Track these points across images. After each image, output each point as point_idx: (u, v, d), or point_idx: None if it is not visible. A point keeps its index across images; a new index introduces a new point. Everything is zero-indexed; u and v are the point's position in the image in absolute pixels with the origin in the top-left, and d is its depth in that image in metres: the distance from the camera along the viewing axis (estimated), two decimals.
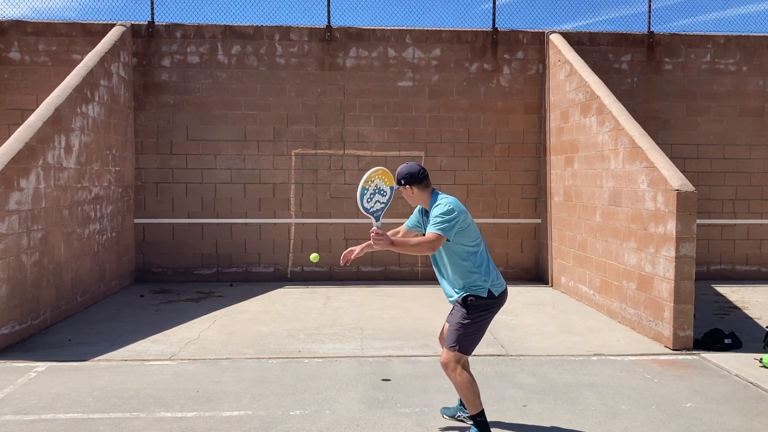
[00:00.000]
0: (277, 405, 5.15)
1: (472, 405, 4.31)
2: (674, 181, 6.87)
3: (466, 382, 4.28)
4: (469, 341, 4.32)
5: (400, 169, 4.43)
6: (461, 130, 11.14)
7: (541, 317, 8.28)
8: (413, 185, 4.39)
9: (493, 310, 4.40)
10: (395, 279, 11.08)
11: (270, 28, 10.92)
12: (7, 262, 6.70)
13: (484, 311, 4.33)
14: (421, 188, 4.40)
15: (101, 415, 4.94)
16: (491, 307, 4.36)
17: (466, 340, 4.30)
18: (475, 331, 4.32)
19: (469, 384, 4.28)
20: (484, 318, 4.35)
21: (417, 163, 4.47)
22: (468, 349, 4.33)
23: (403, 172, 4.40)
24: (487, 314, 4.36)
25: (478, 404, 4.30)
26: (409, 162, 4.54)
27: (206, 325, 7.83)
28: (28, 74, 10.62)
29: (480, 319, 4.33)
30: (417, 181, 4.38)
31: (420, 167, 4.42)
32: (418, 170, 4.38)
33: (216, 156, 10.88)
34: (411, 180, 4.37)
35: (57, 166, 7.94)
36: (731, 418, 4.93)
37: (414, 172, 4.38)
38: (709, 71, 11.39)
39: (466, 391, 4.29)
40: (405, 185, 4.39)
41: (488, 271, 4.35)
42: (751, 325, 7.92)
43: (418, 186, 4.39)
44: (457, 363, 4.29)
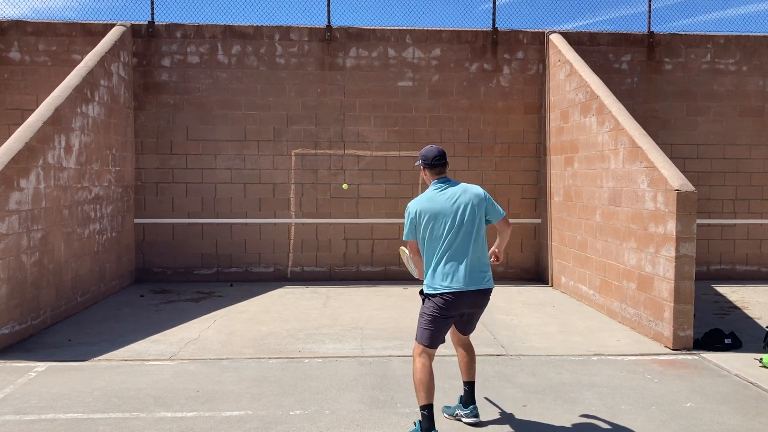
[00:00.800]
0: (277, 405, 5.15)
1: (419, 396, 4.36)
2: (674, 181, 6.87)
3: (415, 371, 4.37)
4: (421, 332, 4.44)
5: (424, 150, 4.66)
6: (461, 130, 11.14)
7: (541, 317, 8.28)
8: (425, 168, 4.61)
9: (441, 311, 4.39)
10: (395, 279, 11.08)
11: (270, 28, 10.92)
12: (7, 262, 6.70)
13: (431, 308, 4.42)
14: (432, 173, 4.59)
15: (101, 415, 4.94)
16: (435, 305, 4.40)
17: (419, 329, 4.46)
18: (425, 323, 4.43)
19: (417, 372, 4.35)
20: (432, 314, 4.41)
21: (438, 148, 4.63)
22: (422, 340, 4.42)
23: (422, 152, 4.65)
24: (434, 312, 4.40)
25: (423, 396, 4.32)
26: (434, 146, 4.70)
27: (206, 325, 7.83)
28: (28, 74, 10.62)
29: (426, 313, 4.44)
30: (428, 165, 4.59)
31: (436, 153, 4.58)
32: (433, 155, 4.57)
33: (216, 156, 10.88)
34: (424, 162, 4.61)
35: (57, 166, 7.94)
36: (731, 418, 4.93)
37: (428, 155, 4.58)
38: (709, 71, 11.39)
39: (414, 378, 4.39)
40: (421, 165, 4.64)
41: (436, 271, 4.42)
42: (751, 325, 7.92)
43: (429, 170, 4.60)
44: (414, 350, 4.45)
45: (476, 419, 4.76)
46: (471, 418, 4.76)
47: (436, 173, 4.57)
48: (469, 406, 4.78)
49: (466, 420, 4.77)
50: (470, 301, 4.44)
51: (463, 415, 4.79)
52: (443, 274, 4.39)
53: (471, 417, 4.76)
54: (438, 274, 4.41)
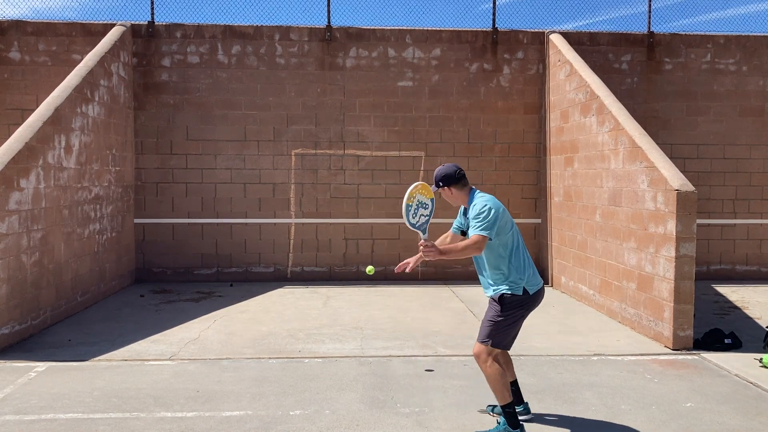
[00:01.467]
0: (277, 405, 5.15)
1: (501, 396, 4.43)
2: (674, 181, 6.87)
3: (496, 374, 4.41)
4: (502, 336, 4.47)
5: (437, 171, 4.58)
6: (461, 130, 11.14)
7: (542, 317, 8.27)
8: (451, 186, 4.52)
9: (528, 307, 4.51)
10: (395, 279, 11.07)
11: (270, 28, 10.92)
12: (7, 262, 6.70)
13: (518, 308, 4.45)
14: (459, 188, 4.53)
15: (101, 415, 4.94)
16: (525, 304, 4.47)
17: (499, 335, 4.46)
18: (507, 327, 4.46)
19: (499, 376, 4.41)
20: (518, 315, 4.47)
21: (454, 164, 4.60)
22: (500, 344, 4.47)
23: (440, 174, 4.54)
24: (521, 311, 4.48)
25: (506, 396, 4.42)
26: (445, 164, 4.65)
27: (206, 325, 7.83)
28: (28, 74, 10.62)
29: (513, 316, 4.45)
30: (454, 181, 4.52)
31: (456, 168, 4.54)
32: (454, 171, 4.52)
33: (216, 156, 10.88)
34: (448, 181, 4.51)
35: (57, 166, 7.94)
36: (731, 418, 4.93)
37: (450, 173, 4.52)
38: (709, 71, 11.39)
39: (495, 382, 4.41)
40: (443, 186, 4.53)
41: (524, 268, 4.45)
42: (751, 325, 7.92)
43: (455, 186, 4.52)
44: (488, 355, 4.44)
45: (531, 415, 4.86)
46: (526, 414, 4.84)
47: (462, 185, 4.52)
48: (521, 404, 4.85)
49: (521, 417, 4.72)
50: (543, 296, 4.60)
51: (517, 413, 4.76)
52: (533, 272, 4.50)
53: (526, 414, 4.84)
54: (531, 272, 4.48)
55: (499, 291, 4.43)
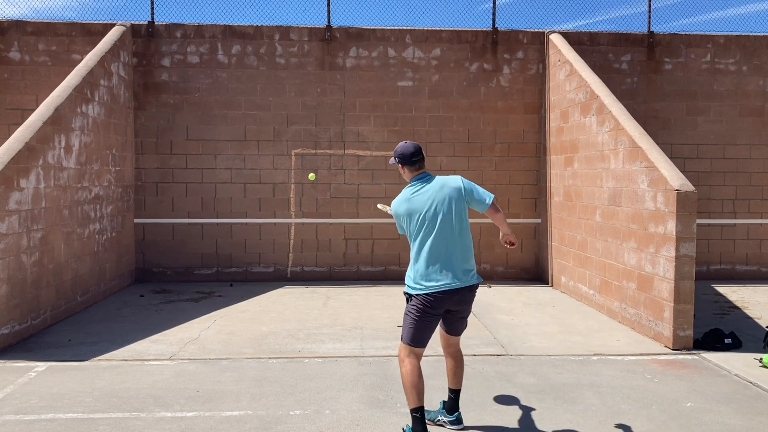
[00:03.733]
0: (277, 405, 5.15)
1: (408, 399, 4.29)
2: (674, 181, 6.87)
3: (406, 375, 4.29)
4: (409, 332, 4.35)
5: (397, 146, 4.58)
6: (461, 130, 11.14)
7: (541, 317, 8.28)
8: (404, 166, 4.53)
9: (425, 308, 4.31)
10: (395, 279, 11.07)
11: (270, 28, 10.92)
12: (7, 262, 6.70)
13: (415, 307, 4.34)
14: (411, 170, 4.52)
15: (101, 415, 4.94)
16: (419, 303, 4.32)
17: (406, 329, 4.37)
18: (412, 323, 4.33)
19: (408, 376, 4.28)
20: (417, 314, 4.32)
21: (414, 143, 4.56)
22: (409, 339, 4.34)
23: (398, 150, 4.55)
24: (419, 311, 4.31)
25: (414, 399, 4.26)
26: (409, 141, 4.63)
27: (206, 324, 7.84)
28: (28, 74, 10.62)
29: (414, 313, 4.33)
30: (406, 162, 4.51)
31: (413, 149, 4.51)
32: (410, 151, 4.50)
33: (216, 156, 10.88)
34: (401, 159, 4.52)
35: (57, 166, 7.94)
36: (731, 418, 4.93)
37: (404, 152, 4.52)
38: (709, 71, 11.39)
39: (404, 382, 4.31)
40: (398, 163, 4.55)
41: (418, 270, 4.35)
42: (751, 325, 7.92)
43: (408, 167, 4.52)
44: (404, 354, 4.35)
45: (460, 426, 4.66)
46: (456, 425, 4.66)
47: (414, 169, 4.50)
48: (454, 413, 4.68)
49: (450, 427, 4.66)
50: (454, 298, 4.34)
51: (447, 422, 4.68)
52: (424, 273, 4.32)
53: (456, 424, 4.66)
54: (419, 273, 4.34)
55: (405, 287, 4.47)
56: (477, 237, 10.88)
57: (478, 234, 10.89)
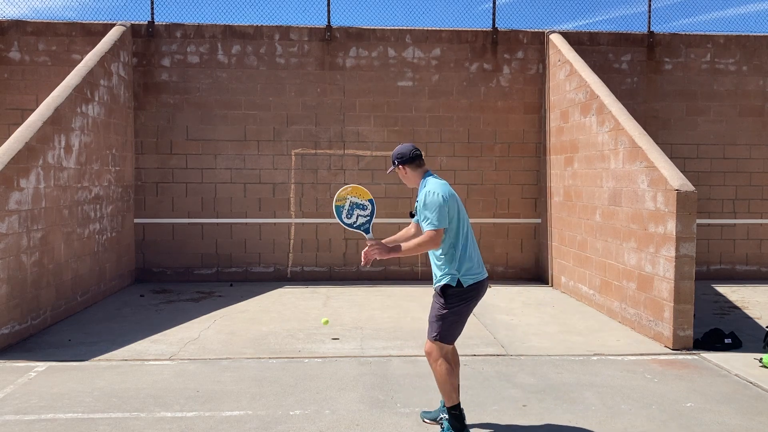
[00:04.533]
0: (277, 405, 5.15)
1: (447, 397, 4.35)
2: (674, 181, 6.87)
3: (445, 374, 4.32)
4: (448, 331, 4.34)
5: (394, 150, 4.55)
6: (461, 130, 11.14)
7: (541, 317, 8.28)
8: (405, 165, 4.48)
9: (468, 301, 4.34)
10: (395, 279, 11.08)
11: (270, 28, 10.92)
12: (7, 262, 6.70)
13: (459, 301, 4.31)
14: (413, 168, 4.49)
15: (101, 415, 4.94)
16: (464, 297, 4.31)
17: (445, 329, 4.34)
18: (453, 321, 4.33)
19: (447, 376, 4.32)
20: (461, 308, 4.33)
21: (410, 144, 4.57)
22: (447, 339, 4.35)
23: (395, 153, 4.51)
24: (462, 304, 4.32)
25: (453, 398, 4.33)
26: (403, 143, 4.64)
27: (206, 324, 7.84)
28: (28, 74, 10.62)
29: (456, 309, 4.31)
30: (408, 160, 4.47)
31: (412, 147, 4.52)
32: (409, 150, 4.48)
33: (216, 156, 10.88)
34: (402, 159, 4.47)
35: (57, 166, 7.94)
36: (731, 418, 4.93)
37: (405, 152, 4.48)
38: (709, 71, 11.39)
39: (444, 382, 4.34)
40: (398, 165, 4.50)
41: (464, 260, 4.30)
42: (751, 325, 7.92)
43: (409, 165, 4.48)
44: (439, 353, 4.36)
45: None
46: None
47: (417, 166, 4.47)
48: None
49: None
50: (485, 289, 4.44)
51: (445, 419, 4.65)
52: (477, 262, 4.36)
53: None
54: (473, 262, 4.33)
55: (442, 282, 4.32)
56: (477, 237, 10.88)
57: (478, 234, 10.89)
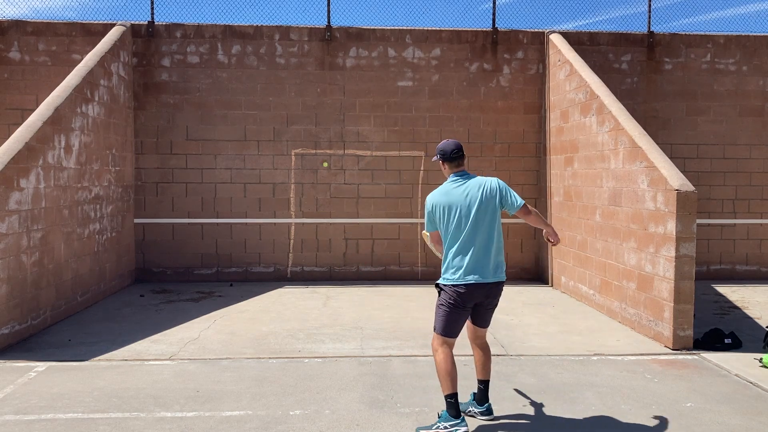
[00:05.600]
0: (277, 405, 5.15)
1: (443, 386, 4.51)
2: (674, 181, 6.87)
3: (440, 363, 4.52)
4: (442, 323, 4.56)
5: (441, 144, 4.78)
6: (461, 130, 11.14)
7: (541, 317, 8.28)
8: (444, 162, 4.72)
9: (458, 301, 4.52)
10: (395, 279, 11.08)
11: (270, 28, 10.92)
12: (7, 262, 6.70)
13: (447, 300, 4.54)
14: (451, 166, 4.71)
15: (101, 415, 4.94)
16: (452, 296, 4.52)
17: (439, 321, 4.58)
18: (444, 314, 4.55)
19: (443, 364, 4.51)
20: (450, 305, 4.53)
21: (454, 141, 4.76)
22: (442, 330, 4.56)
23: (439, 147, 4.76)
24: (450, 304, 4.53)
25: (448, 386, 4.48)
26: (451, 139, 4.87)
27: (206, 324, 7.83)
28: (28, 74, 10.62)
29: (446, 305, 4.55)
30: (447, 159, 4.69)
31: (454, 147, 4.70)
32: (451, 149, 4.68)
33: (216, 156, 10.88)
34: (442, 156, 4.72)
35: (57, 166, 7.94)
36: (731, 418, 4.93)
37: (446, 149, 4.69)
38: (709, 71, 11.39)
39: (438, 369, 4.53)
40: (439, 159, 4.75)
41: (451, 264, 4.54)
42: (751, 325, 7.92)
43: (448, 163, 4.71)
44: (438, 344, 4.56)
45: (491, 416, 4.86)
46: (486, 415, 4.85)
47: (454, 166, 4.69)
48: (484, 404, 4.88)
49: (481, 417, 4.85)
50: (482, 292, 4.57)
51: (478, 413, 4.87)
52: (457, 266, 4.52)
53: (486, 414, 4.85)
54: (453, 266, 4.54)
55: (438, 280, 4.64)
56: None
57: None
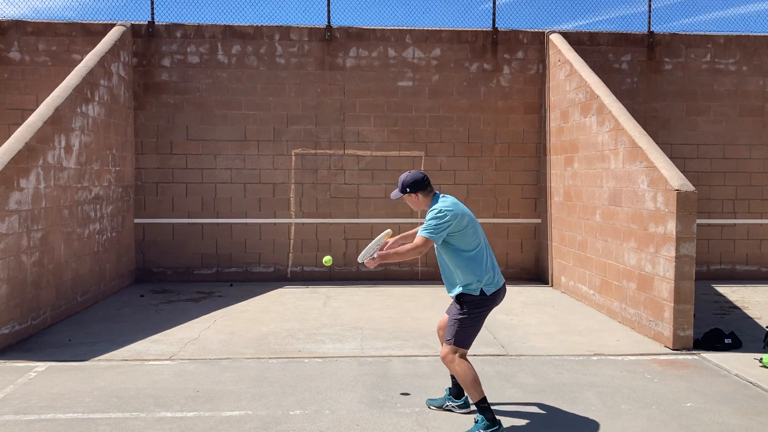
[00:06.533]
0: (277, 405, 5.15)
1: (475, 393, 4.49)
2: (674, 181, 6.87)
3: (467, 371, 4.49)
4: (465, 335, 4.55)
5: (405, 178, 4.65)
6: (461, 130, 11.14)
7: (541, 317, 8.28)
8: (418, 192, 4.63)
9: (487, 307, 4.60)
10: (395, 279, 11.08)
11: (270, 28, 10.92)
12: (7, 262, 6.70)
13: (477, 308, 4.54)
14: (425, 194, 4.66)
15: (101, 415, 4.94)
16: (483, 304, 4.55)
17: (462, 334, 4.54)
18: (469, 326, 4.55)
19: (469, 371, 4.49)
20: (478, 314, 4.56)
21: (419, 171, 4.70)
22: (464, 343, 4.55)
23: (408, 181, 4.62)
24: (481, 311, 4.57)
25: (480, 391, 4.49)
26: (410, 171, 4.75)
27: (206, 324, 7.84)
28: (28, 74, 10.62)
29: (474, 316, 4.54)
30: (422, 188, 4.62)
31: (422, 175, 4.65)
32: (422, 178, 4.63)
33: (216, 156, 10.88)
34: (416, 187, 4.61)
35: (57, 166, 7.94)
36: (731, 418, 4.94)
37: (419, 179, 4.62)
38: (709, 71, 11.39)
39: (466, 378, 4.49)
40: (410, 192, 4.63)
41: (483, 271, 4.53)
42: (751, 325, 7.93)
43: (422, 192, 4.64)
44: (454, 354, 4.53)
45: (469, 409, 4.93)
46: (465, 408, 4.95)
47: (428, 192, 4.65)
48: (461, 397, 4.96)
49: (459, 411, 4.95)
50: (502, 296, 4.69)
51: (456, 407, 4.96)
52: (491, 274, 4.55)
53: (465, 407, 4.95)
54: (491, 273, 4.55)
55: (458, 291, 4.55)
56: None
57: None
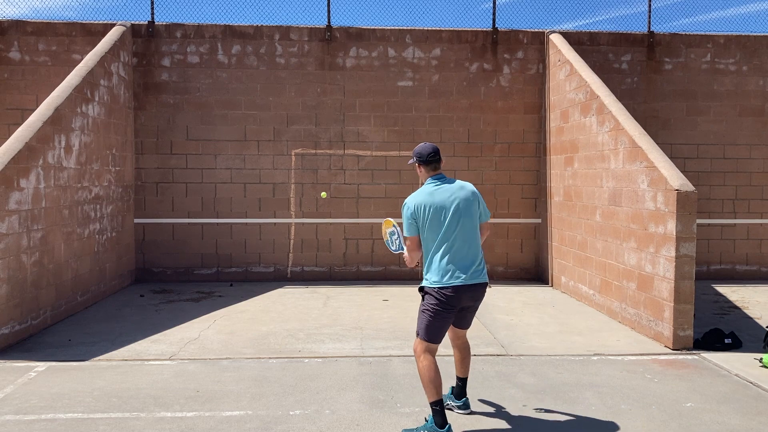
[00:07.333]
0: (277, 405, 5.15)
1: (429, 393, 4.44)
2: (674, 181, 6.87)
3: (423, 369, 4.43)
4: (425, 328, 4.48)
5: (417, 146, 4.76)
6: (461, 130, 11.14)
7: (541, 317, 8.28)
8: (420, 165, 4.69)
9: (447, 303, 4.45)
10: (395, 279, 11.08)
11: (270, 27, 10.92)
12: (7, 262, 6.70)
13: (434, 302, 4.47)
14: (427, 170, 4.68)
15: (101, 415, 4.94)
16: (442, 299, 4.45)
17: (422, 325, 4.50)
18: (429, 319, 4.47)
19: (426, 371, 4.42)
20: (438, 309, 4.45)
21: (432, 145, 4.72)
22: (426, 336, 4.48)
23: (417, 150, 4.74)
24: (440, 305, 4.45)
25: (433, 393, 4.41)
26: (426, 142, 4.82)
27: (206, 324, 7.84)
28: (28, 74, 10.62)
29: (433, 310, 4.46)
30: (424, 162, 4.68)
31: (431, 150, 4.67)
32: (428, 152, 4.66)
33: (216, 156, 10.88)
34: (419, 159, 4.69)
35: (57, 166, 7.94)
36: (731, 418, 4.94)
37: (424, 152, 4.66)
38: (709, 71, 11.39)
39: (422, 377, 4.46)
40: (416, 162, 4.72)
41: (442, 266, 4.46)
42: (751, 325, 7.93)
43: (424, 166, 4.68)
44: (421, 350, 4.48)
45: (469, 410, 4.95)
46: (464, 409, 4.96)
47: (431, 169, 4.66)
48: (461, 398, 4.96)
49: (458, 411, 4.96)
50: (469, 295, 4.53)
51: (456, 407, 4.97)
52: (444, 269, 4.46)
53: (464, 408, 4.96)
54: (439, 269, 4.47)
55: (422, 283, 4.57)
56: None
57: None
